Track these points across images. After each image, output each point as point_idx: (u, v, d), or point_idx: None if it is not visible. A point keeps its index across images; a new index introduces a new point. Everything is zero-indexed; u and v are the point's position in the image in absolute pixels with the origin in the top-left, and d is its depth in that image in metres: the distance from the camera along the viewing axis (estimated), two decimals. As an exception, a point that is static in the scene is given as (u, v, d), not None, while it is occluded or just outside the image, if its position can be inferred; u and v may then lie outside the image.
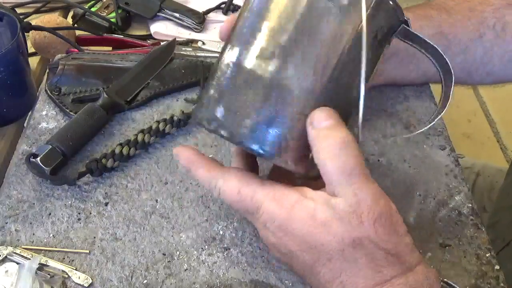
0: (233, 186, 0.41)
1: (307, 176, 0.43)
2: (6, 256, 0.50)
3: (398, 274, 0.38)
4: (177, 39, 0.74)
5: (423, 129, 0.47)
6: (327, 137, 0.38)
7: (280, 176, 0.45)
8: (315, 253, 0.39)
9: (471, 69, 0.61)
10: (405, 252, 0.39)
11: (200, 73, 0.68)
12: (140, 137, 0.59)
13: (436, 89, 0.67)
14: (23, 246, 0.51)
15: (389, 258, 0.38)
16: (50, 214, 0.54)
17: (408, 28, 0.44)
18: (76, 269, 0.49)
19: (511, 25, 0.58)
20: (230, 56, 0.41)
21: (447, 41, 0.58)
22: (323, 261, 0.39)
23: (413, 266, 0.39)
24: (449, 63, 0.45)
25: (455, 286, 0.40)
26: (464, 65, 0.60)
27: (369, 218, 0.38)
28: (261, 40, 0.40)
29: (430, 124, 0.47)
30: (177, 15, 0.79)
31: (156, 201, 0.55)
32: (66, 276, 0.49)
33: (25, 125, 0.65)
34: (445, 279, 0.40)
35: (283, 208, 0.40)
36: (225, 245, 0.52)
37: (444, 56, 0.45)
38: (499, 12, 0.58)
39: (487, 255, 0.51)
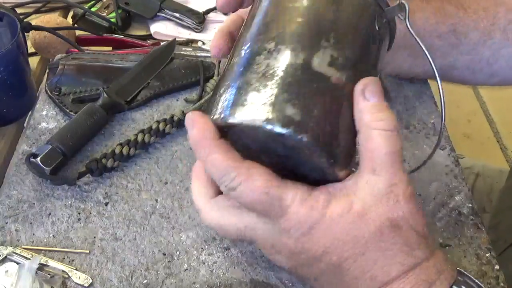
0: (261, 185, 0.36)
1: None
2: (6, 256, 0.50)
3: (426, 257, 0.38)
4: (177, 39, 0.74)
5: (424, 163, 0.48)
6: (381, 112, 0.37)
7: None
8: (347, 250, 0.37)
9: (476, 69, 0.60)
10: (429, 235, 0.39)
11: (200, 73, 0.68)
12: (140, 137, 0.59)
13: (436, 89, 0.68)
14: (23, 246, 0.51)
15: (419, 240, 0.38)
16: (50, 214, 0.54)
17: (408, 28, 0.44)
18: (76, 269, 0.49)
19: None
20: (295, 58, 0.37)
21: (458, 40, 0.57)
22: (354, 257, 0.37)
23: (434, 249, 0.39)
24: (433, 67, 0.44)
25: (469, 275, 0.40)
26: (469, 64, 0.60)
27: (405, 197, 0.37)
28: (329, 46, 0.38)
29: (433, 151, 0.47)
30: (177, 15, 0.79)
31: (156, 201, 0.55)
32: (66, 276, 0.49)
33: (25, 125, 0.65)
34: (458, 268, 0.40)
35: (314, 210, 0.37)
36: (225, 245, 0.52)
37: (431, 61, 0.45)
38: (511, 14, 0.57)
39: (487, 255, 0.51)
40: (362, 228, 0.36)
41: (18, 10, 0.79)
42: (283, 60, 0.37)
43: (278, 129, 0.35)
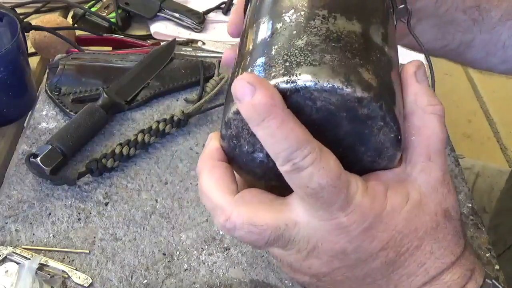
0: (334, 166, 0.31)
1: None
2: (6, 256, 0.50)
3: (465, 246, 0.37)
4: (177, 39, 0.74)
5: None
6: (432, 98, 0.35)
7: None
8: (405, 244, 0.34)
9: (491, 51, 0.60)
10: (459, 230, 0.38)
11: (200, 73, 0.68)
12: (140, 137, 0.59)
13: (437, 90, 0.67)
14: (23, 246, 0.51)
15: (462, 227, 0.37)
16: (50, 214, 0.54)
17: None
18: (76, 269, 0.49)
19: None
20: (353, 26, 0.36)
21: (481, 17, 0.57)
22: (410, 251, 0.35)
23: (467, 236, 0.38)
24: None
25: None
26: (486, 45, 0.59)
27: (452, 187, 0.36)
28: (377, 23, 0.38)
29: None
30: (177, 15, 0.79)
31: (156, 201, 0.55)
32: (66, 276, 0.49)
33: (25, 125, 0.65)
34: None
35: (376, 201, 0.33)
36: (225, 245, 0.52)
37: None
38: None
39: (487, 255, 0.51)
40: (421, 218, 0.34)
41: (18, 10, 0.79)
42: (344, 26, 0.34)
43: (360, 92, 0.31)
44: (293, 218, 0.33)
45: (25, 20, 0.71)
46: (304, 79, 0.31)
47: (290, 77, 0.31)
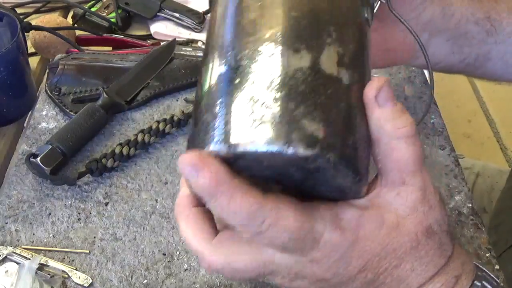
0: (292, 221, 0.32)
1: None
2: (6, 256, 0.50)
3: (452, 251, 0.37)
4: (177, 39, 0.74)
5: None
6: (401, 118, 0.34)
7: None
8: (383, 265, 0.35)
9: (509, 61, 0.59)
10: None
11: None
12: (140, 137, 0.59)
13: (437, 90, 0.68)
14: (23, 246, 0.51)
15: (448, 238, 0.37)
16: (50, 214, 0.54)
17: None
18: (76, 269, 0.49)
19: None
20: (300, 61, 0.32)
21: (493, 28, 0.56)
22: (389, 270, 0.35)
23: (456, 243, 0.38)
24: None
25: (483, 268, 0.39)
26: (503, 55, 0.58)
27: (436, 201, 0.36)
28: (333, 42, 0.33)
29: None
30: (177, 15, 0.79)
31: (156, 201, 0.55)
32: (66, 276, 0.49)
33: (25, 125, 0.65)
34: (475, 262, 0.40)
35: (347, 232, 0.33)
36: (225, 245, 0.52)
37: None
38: None
39: (487, 255, 0.51)
40: (399, 240, 0.35)
41: (18, 10, 0.79)
42: (288, 65, 0.31)
43: (302, 151, 0.29)
44: (270, 258, 0.34)
45: (25, 20, 0.71)
46: (242, 146, 0.29)
47: (229, 145, 0.30)
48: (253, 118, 0.30)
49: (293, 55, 0.32)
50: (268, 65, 0.31)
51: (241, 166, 0.31)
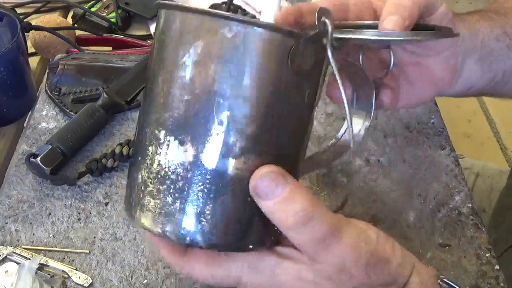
0: (203, 272, 0.37)
1: None
2: (6, 256, 0.50)
3: (405, 278, 0.37)
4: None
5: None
6: (291, 205, 0.33)
7: None
8: None
9: None
10: (399, 273, 0.38)
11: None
12: (140, 137, 0.59)
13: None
14: (23, 246, 0.51)
15: (389, 270, 0.37)
16: (50, 214, 0.54)
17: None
18: (76, 269, 0.49)
19: None
20: (184, 154, 0.33)
21: (511, 41, 0.57)
22: None
23: (407, 278, 0.38)
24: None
25: (454, 285, 0.40)
26: None
27: (359, 270, 0.35)
28: (223, 131, 0.32)
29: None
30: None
31: (156, 201, 0.55)
32: (66, 276, 0.49)
33: (25, 125, 0.65)
34: (444, 279, 0.40)
35: (263, 275, 0.36)
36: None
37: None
38: None
39: (487, 255, 0.51)
40: None
41: (18, 10, 0.79)
42: (172, 158, 0.33)
43: (175, 242, 0.34)
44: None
45: (25, 20, 0.71)
46: (134, 223, 0.36)
47: (132, 219, 0.36)
48: (143, 203, 0.34)
49: (177, 147, 0.33)
50: (157, 153, 0.33)
51: None
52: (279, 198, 0.33)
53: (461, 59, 0.54)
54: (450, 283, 0.39)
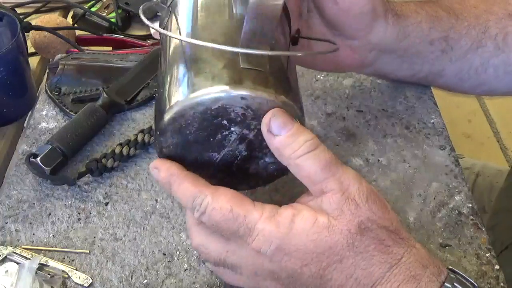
0: (225, 203, 0.38)
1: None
2: (6, 256, 0.50)
3: (406, 252, 0.38)
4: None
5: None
6: (295, 143, 0.38)
7: None
8: (323, 260, 0.38)
9: (464, 77, 0.61)
10: (402, 228, 0.40)
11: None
12: (140, 137, 0.59)
13: (437, 90, 0.68)
14: (23, 246, 0.51)
15: (391, 236, 0.38)
16: (50, 214, 0.54)
17: None
18: (76, 269, 0.49)
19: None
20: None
21: (449, 47, 0.58)
22: (333, 266, 0.38)
23: (414, 243, 0.39)
24: None
25: (463, 274, 0.40)
26: (458, 72, 0.60)
27: (362, 199, 0.38)
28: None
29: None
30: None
31: (156, 201, 0.55)
32: (66, 276, 0.49)
33: (25, 125, 0.65)
34: (451, 267, 0.40)
35: (280, 225, 0.38)
36: (225, 245, 0.52)
37: None
38: (502, 23, 0.58)
39: (487, 255, 0.51)
40: (332, 237, 0.37)
41: (18, 10, 0.79)
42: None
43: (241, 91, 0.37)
44: (231, 248, 0.40)
45: (25, 20, 0.71)
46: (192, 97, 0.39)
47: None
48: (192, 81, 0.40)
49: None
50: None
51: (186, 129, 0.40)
52: (291, 131, 0.38)
53: (375, 54, 0.56)
54: (458, 271, 0.39)
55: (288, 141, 0.38)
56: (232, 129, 0.40)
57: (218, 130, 0.40)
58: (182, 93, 0.39)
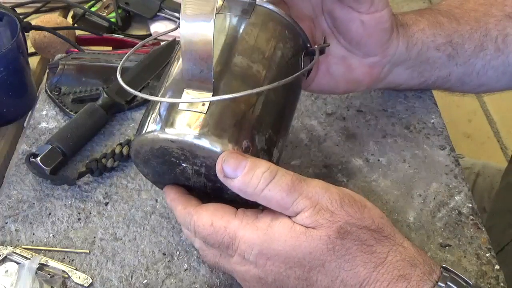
0: (206, 219, 0.40)
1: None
2: (6, 256, 0.50)
3: (391, 250, 0.38)
4: (177, 39, 0.74)
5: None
6: (253, 179, 0.38)
7: None
8: (305, 264, 0.38)
9: (466, 81, 0.61)
10: (384, 225, 0.40)
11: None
12: (140, 137, 0.59)
13: (437, 90, 0.68)
14: (23, 246, 0.51)
15: (374, 235, 0.39)
16: (50, 214, 0.54)
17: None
18: (76, 269, 0.49)
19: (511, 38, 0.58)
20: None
21: (455, 51, 0.58)
22: (316, 269, 0.38)
23: (400, 241, 0.40)
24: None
25: (456, 272, 0.39)
26: (461, 76, 0.60)
27: (335, 205, 0.38)
28: None
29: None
30: (177, 15, 0.79)
31: (156, 201, 0.55)
32: (66, 276, 0.49)
33: (25, 125, 0.65)
34: (444, 265, 0.40)
35: (259, 230, 0.39)
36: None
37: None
38: (501, 24, 0.58)
39: (487, 255, 0.51)
40: (310, 243, 0.38)
41: (18, 10, 0.79)
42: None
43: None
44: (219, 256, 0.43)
45: (25, 20, 0.71)
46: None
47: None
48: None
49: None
50: None
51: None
52: (246, 169, 0.38)
53: (388, 68, 0.57)
54: (451, 269, 0.39)
55: (246, 180, 0.38)
56: (184, 165, 0.42)
57: (173, 165, 0.42)
58: (138, 130, 0.42)
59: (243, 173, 0.38)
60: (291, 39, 0.46)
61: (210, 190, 0.44)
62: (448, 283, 0.38)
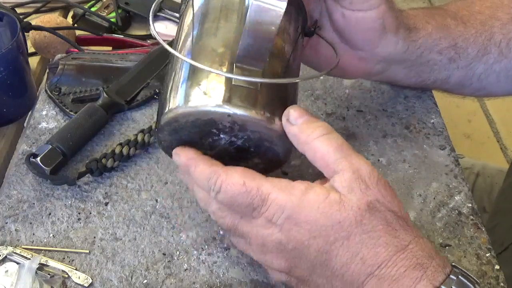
0: (237, 179, 0.40)
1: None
2: (6, 256, 0.50)
3: (413, 240, 0.39)
4: None
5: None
6: (309, 128, 0.41)
7: None
8: (331, 234, 0.39)
9: (466, 84, 0.61)
10: (408, 218, 0.41)
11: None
12: (140, 137, 0.59)
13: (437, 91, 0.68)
14: (23, 246, 0.51)
15: (399, 221, 0.39)
16: (50, 214, 0.54)
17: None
18: (76, 269, 0.49)
19: None
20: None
21: (457, 55, 0.58)
22: (340, 241, 0.39)
23: (419, 236, 0.40)
24: None
25: (465, 270, 0.40)
26: (461, 80, 0.60)
27: (372, 181, 0.40)
28: None
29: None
30: (177, 15, 0.79)
31: (156, 201, 0.55)
32: (66, 276, 0.49)
33: (25, 125, 0.65)
34: (454, 263, 0.40)
35: (293, 195, 0.39)
36: (225, 245, 0.52)
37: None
38: (506, 28, 0.58)
39: (487, 255, 0.51)
40: (342, 213, 0.38)
41: (18, 10, 0.79)
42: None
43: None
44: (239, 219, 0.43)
45: (25, 20, 0.71)
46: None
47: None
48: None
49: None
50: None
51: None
52: (306, 119, 0.42)
53: (383, 66, 0.57)
54: (460, 267, 0.40)
55: (303, 128, 0.41)
56: (221, 136, 0.43)
57: (208, 135, 0.43)
58: (178, 101, 0.42)
59: (303, 121, 0.41)
60: (298, 17, 0.48)
61: (231, 161, 0.44)
62: (460, 277, 0.39)
